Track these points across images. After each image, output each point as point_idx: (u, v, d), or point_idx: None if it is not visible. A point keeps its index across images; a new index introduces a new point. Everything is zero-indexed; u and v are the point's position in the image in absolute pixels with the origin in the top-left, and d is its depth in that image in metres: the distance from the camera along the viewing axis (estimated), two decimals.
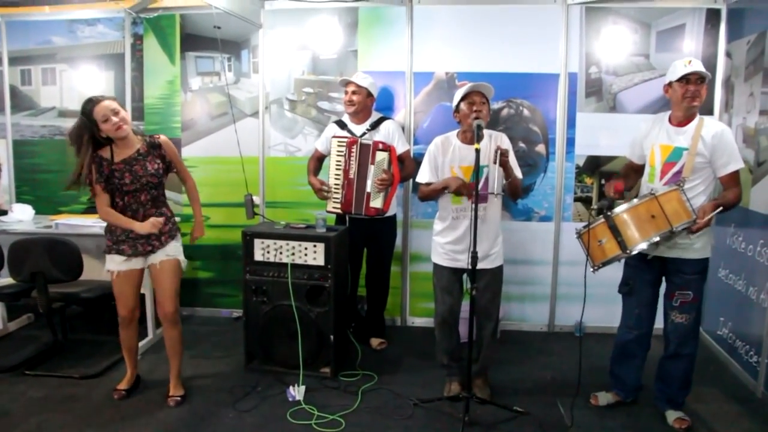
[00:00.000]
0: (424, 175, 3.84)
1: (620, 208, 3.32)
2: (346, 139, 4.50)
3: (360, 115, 4.64)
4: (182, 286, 5.31)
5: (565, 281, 5.10)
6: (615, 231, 3.32)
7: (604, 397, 3.89)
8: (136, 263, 3.73)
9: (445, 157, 3.79)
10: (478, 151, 3.40)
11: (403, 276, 5.25)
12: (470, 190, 3.55)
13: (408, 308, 5.31)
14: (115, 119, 3.49)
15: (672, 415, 3.64)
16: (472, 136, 3.65)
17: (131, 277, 3.75)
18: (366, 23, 5.10)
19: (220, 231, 5.39)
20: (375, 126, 4.65)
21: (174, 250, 3.78)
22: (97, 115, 3.48)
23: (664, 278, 3.62)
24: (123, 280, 3.73)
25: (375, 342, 4.80)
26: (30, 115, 5.63)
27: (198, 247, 5.32)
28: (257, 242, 4.23)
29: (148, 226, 3.63)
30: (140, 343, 4.59)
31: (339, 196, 4.51)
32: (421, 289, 5.23)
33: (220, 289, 5.55)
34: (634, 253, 3.32)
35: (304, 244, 4.15)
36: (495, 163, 3.53)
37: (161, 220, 3.69)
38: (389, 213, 4.63)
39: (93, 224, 4.63)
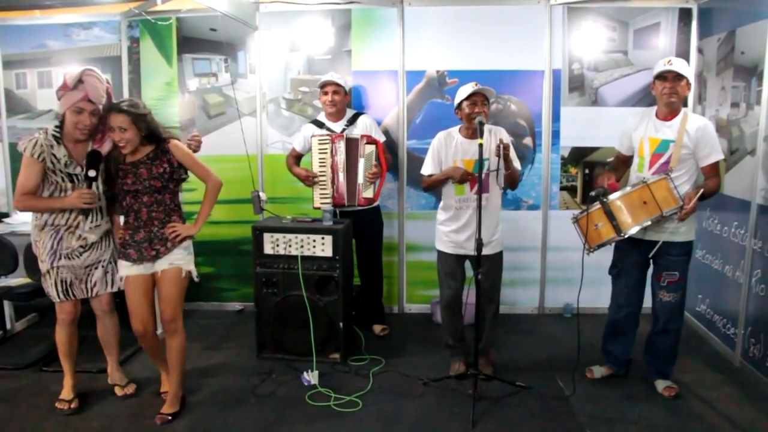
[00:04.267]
0: (427, 168, 4.10)
1: (614, 195, 3.63)
2: (327, 137, 4.71)
3: (337, 113, 4.88)
4: None
5: (552, 266, 5.41)
6: (610, 216, 3.62)
7: (598, 371, 4.19)
8: (143, 269, 3.61)
9: (447, 151, 4.05)
10: (481, 145, 3.67)
11: (400, 265, 5.49)
12: (472, 177, 3.86)
13: (405, 296, 5.56)
14: (119, 136, 3.44)
15: (661, 384, 3.97)
16: (473, 132, 3.93)
17: (139, 284, 3.62)
18: (359, 24, 5.31)
19: (220, 227, 5.57)
20: (352, 121, 4.89)
21: (179, 258, 3.64)
22: (109, 122, 3.47)
23: (651, 260, 3.93)
24: (131, 287, 3.63)
25: (377, 328, 5.04)
26: (26, 118, 5.72)
27: (199, 242, 5.48)
28: (267, 236, 4.43)
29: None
30: None
31: (327, 191, 4.72)
32: (416, 277, 5.49)
33: (223, 284, 5.73)
34: (627, 236, 3.62)
35: (313, 236, 4.36)
36: (498, 156, 3.80)
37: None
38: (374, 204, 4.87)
39: None
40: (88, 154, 3.57)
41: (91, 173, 3.53)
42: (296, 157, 4.99)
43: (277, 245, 4.41)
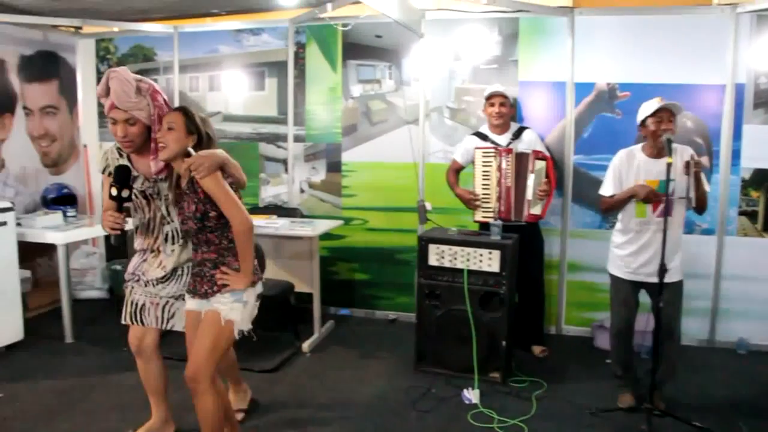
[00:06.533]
0: (607, 188, 3.90)
1: None
2: (493, 150, 4.59)
3: (503, 125, 4.74)
4: (340, 288, 5.69)
5: (726, 296, 5.01)
6: None
7: None
8: (197, 304, 3.03)
9: (629, 171, 3.83)
10: (669, 164, 3.44)
11: (560, 285, 5.29)
12: (659, 196, 3.63)
13: (563, 317, 5.35)
14: (162, 136, 2.89)
15: None
16: (658, 151, 3.71)
17: (191, 320, 3.06)
18: (527, 33, 5.16)
19: (377, 234, 5.57)
20: (517, 135, 4.75)
21: (224, 303, 2.92)
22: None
23: None
24: (186, 322, 3.12)
25: (537, 349, 4.87)
26: None
27: (355, 249, 5.56)
28: (432, 247, 4.37)
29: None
30: (305, 343, 4.85)
31: (490, 205, 4.60)
32: (577, 298, 5.27)
33: (377, 291, 5.73)
34: None
35: (480, 250, 4.26)
36: (687, 174, 3.56)
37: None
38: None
39: (266, 225, 4.85)
40: (115, 169, 3.05)
41: (113, 191, 2.98)
42: (457, 171, 4.92)
43: (443, 257, 4.34)
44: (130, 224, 3.15)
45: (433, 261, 4.38)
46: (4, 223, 4.75)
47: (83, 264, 6.16)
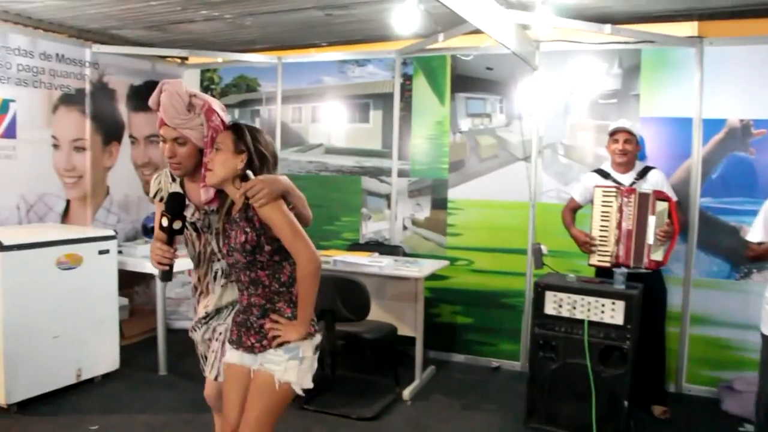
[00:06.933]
0: (756, 234, 3.49)
1: None
2: (614, 189, 4.26)
3: (627, 164, 4.40)
4: (440, 331, 5.41)
5: None
6: None
7: None
8: (241, 357, 2.56)
9: None
10: None
11: (681, 338, 4.84)
12: None
13: (685, 374, 4.89)
14: (209, 159, 2.50)
15: None
16: None
17: (232, 375, 2.59)
18: (650, 66, 4.82)
19: (483, 276, 5.29)
20: (642, 175, 4.39)
21: (276, 362, 2.46)
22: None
23: None
24: (225, 376, 2.65)
25: (658, 410, 4.43)
26: (298, 151, 5.89)
27: (459, 290, 5.29)
28: (549, 295, 4.05)
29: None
30: (406, 390, 4.59)
31: (607, 248, 4.26)
32: (701, 354, 4.79)
33: (480, 336, 5.41)
34: None
35: (602, 300, 3.92)
36: None
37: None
38: None
39: (370, 263, 4.65)
40: (168, 197, 2.66)
41: (164, 222, 2.58)
42: (573, 210, 4.60)
43: (560, 306, 4.02)
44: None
45: (549, 309, 4.06)
46: (106, 251, 4.74)
47: (178, 294, 6.13)
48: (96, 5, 4.67)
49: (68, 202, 5.39)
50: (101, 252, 4.69)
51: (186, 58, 6.24)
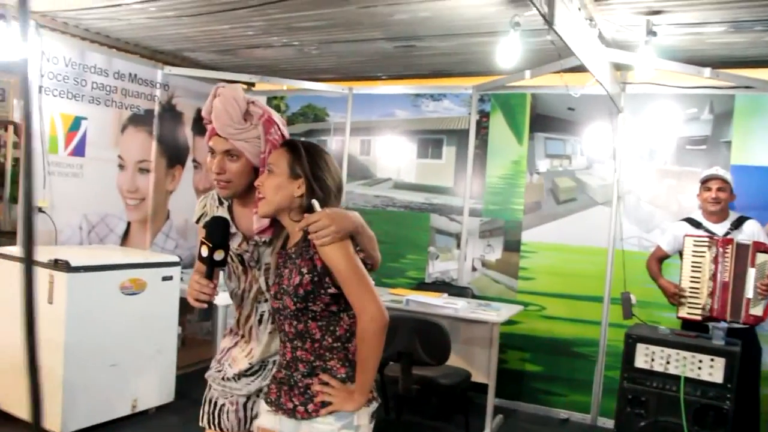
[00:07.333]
0: None
1: None
2: (707, 239, 4.02)
3: (720, 213, 4.16)
4: (508, 378, 5.13)
5: None
6: None
7: None
8: (278, 422, 2.09)
9: None
10: None
11: None
12: None
13: None
14: (260, 181, 2.08)
15: None
16: None
17: None
18: (743, 112, 4.61)
19: (555, 323, 5.04)
20: (737, 225, 4.14)
21: (328, 429, 2.00)
22: None
23: None
24: None
25: None
26: (365, 185, 5.72)
27: (529, 337, 5.05)
28: (641, 347, 3.80)
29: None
30: None
31: (698, 301, 4.01)
32: None
33: (549, 386, 5.14)
34: None
35: (699, 356, 3.66)
36: None
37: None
38: None
39: (444, 305, 4.44)
40: (209, 222, 2.20)
41: (203, 251, 2.12)
42: (660, 259, 4.37)
43: (653, 359, 3.76)
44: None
45: (640, 363, 3.80)
46: (170, 278, 4.60)
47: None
48: (176, 26, 4.63)
49: (129, 224, 5.28)
50: (165, 278, 4.56)
51: (253, 84, 6.15)
